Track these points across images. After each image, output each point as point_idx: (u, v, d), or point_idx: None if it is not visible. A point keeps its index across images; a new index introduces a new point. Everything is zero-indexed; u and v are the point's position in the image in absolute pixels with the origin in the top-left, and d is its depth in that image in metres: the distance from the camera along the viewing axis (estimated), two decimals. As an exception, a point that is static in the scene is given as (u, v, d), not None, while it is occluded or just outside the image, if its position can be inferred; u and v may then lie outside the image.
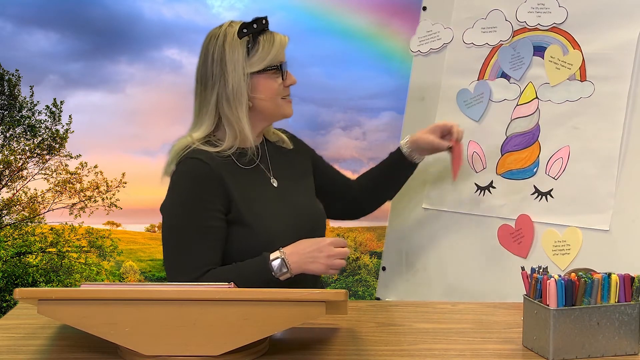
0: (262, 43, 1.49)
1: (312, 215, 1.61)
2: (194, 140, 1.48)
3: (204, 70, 1.50)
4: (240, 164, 1.51)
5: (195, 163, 1.44)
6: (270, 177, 1.56)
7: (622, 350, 1.12)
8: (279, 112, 1.55)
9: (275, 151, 1.63)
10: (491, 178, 1.81)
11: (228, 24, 1.52)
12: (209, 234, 1.43)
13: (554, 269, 1.57)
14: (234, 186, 1.46)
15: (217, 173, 1.44)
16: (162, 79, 4.96)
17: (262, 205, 1.50)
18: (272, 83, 1.51)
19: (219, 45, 1.49)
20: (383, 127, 1.63)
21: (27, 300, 1.12)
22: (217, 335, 1.06)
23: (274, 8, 4.03)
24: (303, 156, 1.69)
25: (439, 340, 1.21)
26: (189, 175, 1.45)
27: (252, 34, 1.48)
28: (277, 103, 1.53)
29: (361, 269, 5.25)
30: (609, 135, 1.60)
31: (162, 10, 4.73)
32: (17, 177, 5.66)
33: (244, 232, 1.46)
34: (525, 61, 1.77)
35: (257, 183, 1.53)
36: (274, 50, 1.49)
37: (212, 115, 1.49)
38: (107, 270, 5.98)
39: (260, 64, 1.49)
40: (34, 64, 5.05)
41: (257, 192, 1.51)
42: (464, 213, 1.86)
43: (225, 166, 1.47)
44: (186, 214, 1.43)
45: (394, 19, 4.06)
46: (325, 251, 1.41)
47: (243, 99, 1.48)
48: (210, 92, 1.49)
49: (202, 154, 1.45)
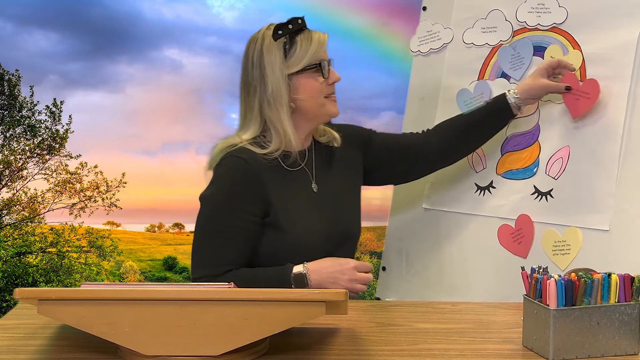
0: (299, 43, 1.48)
1: (346, 225, 1.59)
2: (243, 140, 1.49)
3: (245, 76, 1.51)
4: (285, 166, 1.51)
5: (239, 162, 1.45)
6: (312, 181, 1.56)
7: (622, 350, 1.12)
8: (323, 111, 1.52)
9: (323, 153, 1.61)
10: (491, 178, 1.81)
11: (266, 27, 1.51)
12: (239, 234, 1.44)
13: (554, 269, 1.57)
14: (274, 190, 1.47)
15: (258, 175, 1.45)
16: (162, 79, 4.97)
17: (298, 211, 1.49)
18: (312, 82, 1.49)
19: (257, 50, 1.49)
20: (383, 127, 1.63)
21: (27, 300, 1.12)
22: (217, 335, 1.06)
23: (274, 8, 4.03)
24: (352, 149, 1.66)
25: (439, 340, 1.21)
26: (231, 173, 1.46)
27: (289, 35, 1.47)
28: (320, 102, 1.51)
29: (361, 269, 5.26)
30: (609, 135, 1.60)
31: (162, 10, 4.74)
32: (17, 177, 5.66)
33: (276, 236, 1.47)
34: (525, 61, 1.77)
35: (297, 187, 1.53)
36: (311, 49, 1.48)
37: (257, 119, 1.50)
38: (107, 270, 5.99)
39: (298, 64, 1.48)
40: (34, 64, 5.06)
41: (295, 197, 1.51)
42: (464, 213, 1.86)
43: (268, 168, 1.47)
44: (221, 210, 1.44)
45: (394, 19, 4.06)
46: (347, 274, 1.43)
47: (283, 101, 1.47)
48: (252, 97, 1.49)
49: (247, 154, 1.46)
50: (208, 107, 5.09)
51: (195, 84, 5.10)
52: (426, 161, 1.73)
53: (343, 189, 1.61)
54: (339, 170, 1.61)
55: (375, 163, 1.69)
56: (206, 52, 5.06)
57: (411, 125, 2.00)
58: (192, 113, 4.70)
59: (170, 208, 6.07)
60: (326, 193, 1.56)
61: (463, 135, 1.71)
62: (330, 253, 1.50)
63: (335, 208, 1.57)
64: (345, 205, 1.61)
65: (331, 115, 1.54)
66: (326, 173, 1.59)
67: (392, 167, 1.71)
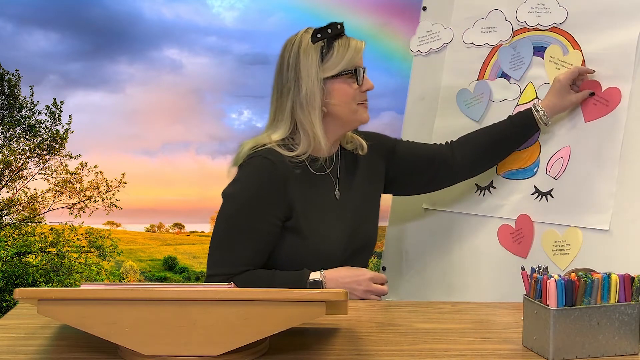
0: (336, 48, 1.48)
1: (366, 233, 1.60)
2: (272, 140, 1.50)
3: (279, 77, 1.52)
4: (312, 169, 1.52)
5: (267, 164, 1.46)
6: (335, 188, 1.56)
7: (622, 350, 1.12)
8: (354, 117, 1.53)
9: (348, 160, 1.61)
10: (491, 178, 1.81)
11: (304, 30, 1.52)
12: (259, 236, 1.45)
13: (554, 269, 1.57)
14: (298, 194, 1.48)
15: (284, 179, 1.46)
16: (162, 79, 4.97)
17: (319, 217, 1.50)
18: (346, 88, 1.50)
19: (293, 52, 1.49)
20: (383, 127, 1.63)
21: (27, 300, 1.12)
22: (217, 335, 1.06)
23: (274, 8, 4.03)
24: (376, 157, 1.66)
25: (439, 340, 1.21)
26: (257, 174, 1.46)
27: (327, 39, 1.48)
28: (353, 108, 1.52)
29: (361, 269, 5.26)
30: (610, 135, 1.60)
31: (162, 10, 4.74)
32: (17, 177, 5.65)
33: (296, 241, 1.48)
34: (525, 61, 1.77)
35: (321, 193, 1.54)
36: (348, 55, 1.49)
37: (287, 121, 1.50)
38: (107, 270, 5.98)
39: (334, 69, 1.48)
40: (34, 64, 5.06)
41: (318, 203, 1.52)
42: (464, 213, 1.86)
43: (294, 172, 1.48)
44: (243, 210, 1.45)
45: (394, 19, 4.06)
46: (363, 285, 1.47)
47: (316, 104, 1.48)
48: (285, 98, 1.50)
49: (275, 156, 1.47)
50: (208, 107, 5.09)
51: (195, 84, 5.10)
52: (449, 173, 1.73)
53: (364, 198, 1.62)
54: (361, 178, 1.62)
55: (398, 172, 1.69)
56: (206, 52, 5.06)
57: (411, 125, 2.00)
58: (192, 113, 4.70)
59: (170, 208, 6.07)
60: (348, 201, 1.57)
61: (489, 151, 1.72)
62: (347, 260, 1.52)
63: (356, 217, 1.58)
64: (365, 214, 1.62)
65: (362, 122, 1.56)
66: (350, 180, 1.59)
67: (414, 177, 1.71)
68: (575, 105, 1.66)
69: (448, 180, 1.76)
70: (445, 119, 1.91)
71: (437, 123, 1.93)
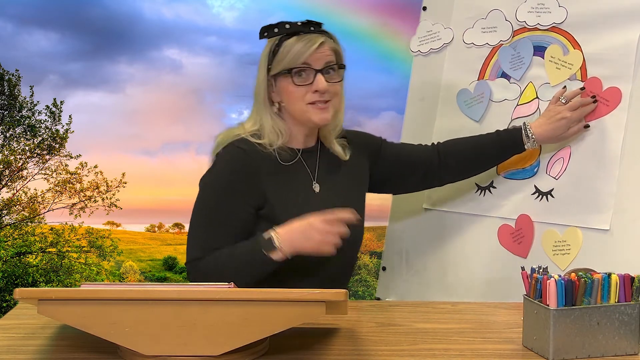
0: (283, 46, 1.48)
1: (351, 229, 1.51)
2: (245, 130, 1.53)
3: None
4: (281, 160, 1.52)
5: (239, 152, 1.48)
6: (313, 181, 1.56)
7: (622, 350, 1.12)
8: (305, 117, 1.50)
9: (331, 157, 1.61)
10: (491, 178, 1.81)
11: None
12: (231, 221, 1.45)
13: (554, 269, 1.57)
14: (272, 183, 1.48)
15: (256, 167, 1.48)
16: (162, 79, 4.97)
17: (298, 208, 1.47)
18: (289, 87, 1.49)
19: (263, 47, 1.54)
20: (383, 127, 1.63)
21: (27, 300, 1.12)
22: (217, 335, 1.06)
23: (274, 8, 4.03)
24: (360, 157, 1.65)
25: (439, 340, 1.21)
26: (230, 162, 1.49)
27: (280, 37, 1.50)
28: (302, 108, 1.49)
29: (361, 269, 5.25)
30: (610, 135, 1.60)
31: (162, 10, 4.73)
32: (17, 177, 5.66)
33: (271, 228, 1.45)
34: (525, 61, 1.77)
35: (297, 184, 1.53)
36: (291, 54, 1.47)
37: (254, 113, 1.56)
38: (107, 270, 5.99)
39: (277, 67, 1.49)
40: (34, 64, 5.06)
41: (296, 194, 1.52)
42: (464, 213, 1.86)
43: (266, 161, 1.49)
44: (215, 197, 1.47)
45: (394, 19, 4.06)
46: (318, 227, 1.35)
47: (261, 99, 1.52)
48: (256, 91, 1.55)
49: (247, 145, 1.49)
50: (208, 107, 5.10)
51: (195, 84, 5.10)
52: (433, 177, 1.73)
53: (348, 195, 1.60)
54: (345, 177, 1.61)
55: (383, 173, 1.69)
56: (206, 52, 5.06)
57: (411, 125, 2.00)
58: (192, 113, 4.70)
59: (170, 208, 6.07)
60: (329, 196, 1.56)
61: (472, 163, 1.73)
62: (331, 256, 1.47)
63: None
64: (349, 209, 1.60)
65: (313, 123, 1.51)
66: (331, 176, 1.59)
67: (399, 178, 1.71)
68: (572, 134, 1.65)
69: (436, 183, 1.77)
70: (445, 119, 1.91)
71: (437, 123, 1.93)
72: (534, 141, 1.65)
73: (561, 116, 1.62)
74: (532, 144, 1.65)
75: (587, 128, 1.63)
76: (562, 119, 1.62)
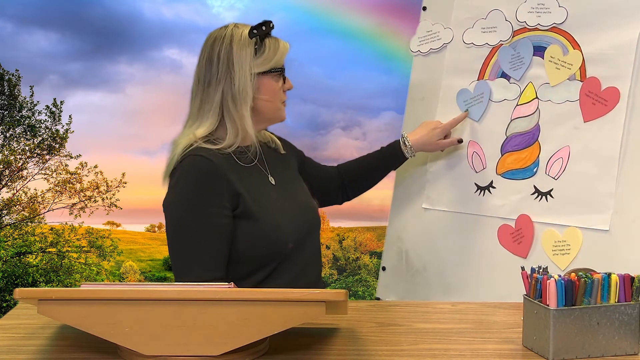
0: (268, 45, 1.53)
1: (312, 210, 1.65)
2: (197, 138, 1.48)
3: (208, 70, 1.51)
4: (240, 162, 1.52)
5: (200, 160, 1.44)
6: (268, 175, 1.59)
7: (622, 350, 1.12)
8: (277, 115, 1.60)
9: (269, 153, 1.66)
10: (491, 178, 1.81)
11: (233, 25, 1.55)
12: (217, 233, 1.41)
13: (554, 269, 1.57)
14: (239, 182, 1.48)
15: (221, 170, 1.45)
16: (162, 79, 4.97)
17: (267, 200, 1.52)
18: (274, 85, 1.55)
19: (225, 45, 1.50)
20: (383, 127, 1.63)
21: (27, 300, 1.12)
22: (217, 335, 1.06)
23: (274, 8, 4.03)
24: (293, 158, 1.74)
25: (439, 340, 1.21)
26: (194, 173, 1.43)
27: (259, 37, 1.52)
28: (277, 106, 1.58)
29: (361, 269, 5.23)
30: (609, 135, 1.60)
31: (162, 10, 4.74)
32: (17, 177, 5.65)
33: (251, 225, 1.45)
34: (525, 61, 1.77)
35: (258, 180, 1.55)
36: (278, 54, 1.55)
37: (215, 113, 1.51)
38: (107, 270, 5.99)
39: (266, 65, 1.53)
40: (34, 64, 5.07)
41: (259, 188, 1.53)
42: (464, 213, 1.86)
43: (227, 163, 1.48)
44: (193, 213, 1.41)
45: (394, 19, 4.06)
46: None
47: (248, 98, 1.51)
48: (214, 90, 1.50)
49: (205, 152, 1.46)
50: (208, 107, 5.10)
51: (196, 84, 5.11)
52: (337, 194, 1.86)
53: (299, 187, 1.68)
54: (288, 170, 1.68)
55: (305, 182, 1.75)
56: (206, 52, 5.06)
57: (411, 125, 2.00)
58: (192, 113, 4.69)
59: (170, 208, 6.05)
60: (285, 186, 1.61)
61: (365, 179, 1.87)
62: (302, 240, 1.54)
63: (298, 196, 1.63)
64: (304, 193, 1.67)
65: (281, 119, 1.62)
66: (278, 169, 1.63)
67: (316, 190, 1.75)
68: (442, 148, 1.86)
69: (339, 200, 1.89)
70: (445, 119, 1.91)
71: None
72: (411, 148, 1.81)
73: (434, 126, 1.84)
74: (410, 151, 1.82)
75: (460, 142, 1.85)
76: (435, 128, 1.83)
